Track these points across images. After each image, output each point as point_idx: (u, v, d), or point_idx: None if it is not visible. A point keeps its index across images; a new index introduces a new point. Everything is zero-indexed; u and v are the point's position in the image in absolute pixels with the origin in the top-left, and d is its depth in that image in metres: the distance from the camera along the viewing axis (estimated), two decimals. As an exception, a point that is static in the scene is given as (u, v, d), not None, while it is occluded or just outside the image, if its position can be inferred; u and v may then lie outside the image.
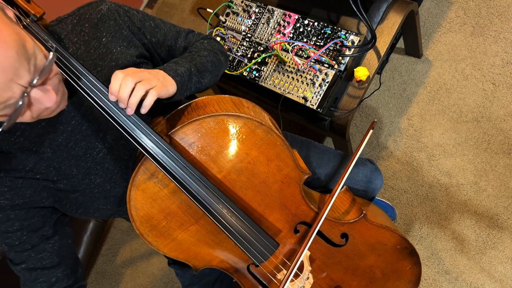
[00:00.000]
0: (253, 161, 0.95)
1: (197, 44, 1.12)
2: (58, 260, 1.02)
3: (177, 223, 0.98)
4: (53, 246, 1.02)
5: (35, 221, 0.99)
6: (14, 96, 0.71)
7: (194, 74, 0.99)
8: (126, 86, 0.82)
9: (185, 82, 0.95)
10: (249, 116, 0.93)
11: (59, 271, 1.03)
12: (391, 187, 1.79)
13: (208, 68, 1.04)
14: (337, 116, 1.42)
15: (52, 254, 1.01)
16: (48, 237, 1.01)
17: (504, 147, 1.66)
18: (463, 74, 1.78)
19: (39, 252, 1.00)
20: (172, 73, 0.92)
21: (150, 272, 2.20)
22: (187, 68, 0.97)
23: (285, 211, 1.01)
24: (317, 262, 1.07)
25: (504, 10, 1.77)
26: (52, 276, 1.02)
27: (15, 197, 0.95)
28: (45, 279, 1.01)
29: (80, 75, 0.87)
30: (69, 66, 0.87)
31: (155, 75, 0.87)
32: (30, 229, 0.98)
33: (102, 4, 1.02)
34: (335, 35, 1.38)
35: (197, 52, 1.07)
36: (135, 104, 0.83)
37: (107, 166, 1.02)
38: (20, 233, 0.97)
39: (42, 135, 0.94)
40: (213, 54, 1.08)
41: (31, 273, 1.00)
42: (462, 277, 1.60)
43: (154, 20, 1.09)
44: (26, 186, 0.96)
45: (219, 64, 1.11)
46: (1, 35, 0.67)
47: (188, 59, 1.02)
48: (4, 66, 0.67)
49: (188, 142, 0.93)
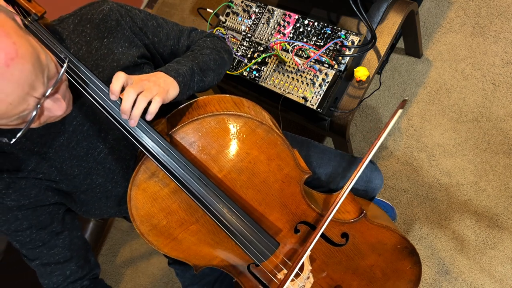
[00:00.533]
0: (253, 161, 0.95)
1: (200, 42, 1.11)
2: (70, 254, 1.04)
3: (178, 223, 0.98)
4: (63, 241, 1.03)
5: (43, 219, 1.00)
6: (29, 108, 0.72)
7: (197, 73, 0.98)
8: (128, 97, 0.82)
9: (187, 81, 0.95)
10: (249, 115, 0.93)
11: (72, 264, 1.04)
12: (391, 187, 1.79)
13: (210, 66, 1.04)
14: (337, 116, 1.42)
15: (63, 248, 1.03)
16: (58, 232, 1.02)
17: (504, 147, 1.66)
18: (463, 74, 1.78)
19: (51, 248, 1.01)
20: (174, 73, 0.92)
21: (150, 272, 2.20)
22: (189, 67, 0.97)
23: (285, 210, 1.01)
24: (317, 261, 1.07)
25: (504, 10, 1.78)
26: (66, 269, 1.04)
27: (21, 197, 0.96)
28: (60, 272, 1.03)
29: (83, 77, 0.87)
30: (74, 68, 0.87)
31: (155, 82, 0.87)
32: (39, 227, 0.99)
33: (104, 4, 1.02)
34: (335, 35, 1.38)
35: (200, 50, 1.06)
36: (138, 116, 0.83)
37: (108, 166, 1.02)
38: (30, 232, 0.98)
39: (43, 135, 0.94)
40: (216, 52, 1.08)
41: (46, 268, 1.02)
42: (462, 277, 1.60)
43: (156, 20, 1.09)
44: (30, 187, 0.96)
45: (222, 62, 1.10)
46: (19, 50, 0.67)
47: (191, 58, 1.02)
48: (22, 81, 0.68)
49: (188, 141, 0.93)
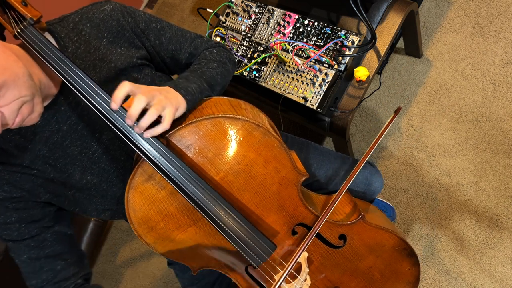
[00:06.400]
0: (250, 163, 0.95)
1: (205, 53, 1.10)
2: (60, 249, 1.03)
3: (175, 225, 0.98)
4: (52, 235, 1.03)
5: (35, 213, 1.00)
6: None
7: (206, 89, 0.99)
8: (139, 104, 0.81)
9: (196, 100, 0.95)
10: (246, 118, 0.93)
11: (62, 259, 1.03)
12: (391, 187, 1.79)
13: (218, 81, 1.04)
14: (337, 116, 1.42)
15: (53, 243, 1.02)
16: (48, 227, 1.02)
17: (504, 147, 1.65)
18: (463, 74, 1.78)
19: (40, 241, 1.01)
20: (184, 91, 0.92)
21: (150, 272, 2.21)
22: (198, 86, 0.97)
23: (283, 212, 1.01)
24: (315, 263, 1.07)
25: (504, 10, 1.77)
26: (57, 264, 1.03)
27: (14, 189, 0.97)
28: (50, 267, 1.02)
29: (76, 78, 0.87)
30: (66, 68, 0.87)
31: (166, 96, 0.86)
32: (29, 220, 0.99)
33: (107, 4, 1.03)
34: (335, 35, 1.38)
35: (206, 63, 1.06)
36: (145, 127, 0.84)
37: (103, 166, 1.03)
38: (19, 225, 0.98)
39: (37, 133, 0.95)
40: (222, 65, 1.08)
41: (35, 263, 1.01)
42: (462, 277, 1.59)
43: (160, 23, 1.08)
44: (25, 180, 0.97)
45: (228, 74, 1.10)
46: None
47: (198, 73, 1.01)
48: None
49: (185, 144, 0.93)
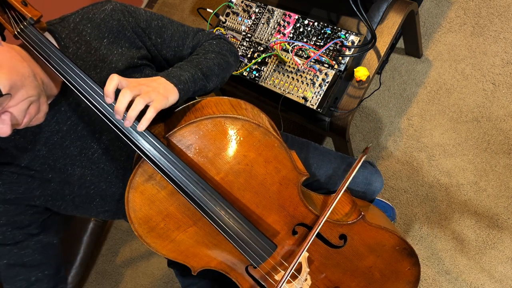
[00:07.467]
0: (250, 163, 0.95)
1: (205, 45, 1.09)
2: (40, 259, 1.02)
3: (175, 225, 0.98)
4: (36, 244, 1.01)
5: (23, 219, 0.99)
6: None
7: (200, 79, 0.97)
8: (123, 98, 0.81)
9: (189, 88, 0.93)
10: (246, 118, 0.93)
11: (39, 270, 1.02)
12: (391, 187, 1.79)
13: (214, 71, 1.02)
14: (337, 116, 1.42)
15: (34, 252, 1.01)
16: (33, 234, 1.01)
17: (504, 147, 1.65)
18: (463, 74, 1.78)
19: (22, 248, 1.00)
20: (175, 80, 0.90)
21: (150, 272, 2.20)
22: (192, 74, 0.95)
23: (283, 212, 1.01)
24: (315, 263, 1.07)
25: (504, 10, 1.77)
26: (32, 275, 1.01)
27: (8, 191, 0.96)
28: (24, 277, 1.01)
29: (77, 78, 0.87)
30: (66, 69, 0.87)
31: (154, 88, 0.85)
32: (15, 225, 0.98)
33: (107, 4, 1.02)
34: (335, 35, 1.38)
35: (204, 54, 1.04)
36: (133, 117, 0.82)
37: (102, 167, 1.02)
38: (5, 228, 0.98)
39: (37, 133, 0.95)
40: (221, 56, 1.06)
41: (12, 269, 1.00)
42: (462, 277, 1.59)
43: (161, 20, 1.07)
44: (21, 182, 0.97)
45: (227, 66, 1.08)
46: None
47: (194, 63, 1.00)
48: None
49: (185, 144, 0.93)
